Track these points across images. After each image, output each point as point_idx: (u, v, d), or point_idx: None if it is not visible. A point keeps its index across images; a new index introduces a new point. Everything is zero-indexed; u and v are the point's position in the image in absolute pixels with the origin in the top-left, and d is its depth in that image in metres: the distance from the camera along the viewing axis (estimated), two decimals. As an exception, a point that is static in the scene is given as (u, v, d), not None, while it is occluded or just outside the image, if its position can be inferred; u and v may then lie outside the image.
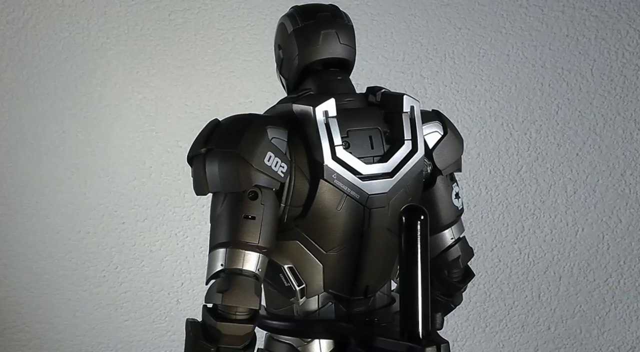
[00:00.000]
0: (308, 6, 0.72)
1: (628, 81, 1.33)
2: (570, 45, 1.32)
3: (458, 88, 1.34)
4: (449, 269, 0.76)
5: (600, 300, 1.38)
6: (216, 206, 0.65)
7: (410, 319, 0.60)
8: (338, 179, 0.64)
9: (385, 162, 0.66)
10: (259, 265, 0.64)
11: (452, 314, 0.84)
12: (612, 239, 1.36)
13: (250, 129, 0.64)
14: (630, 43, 1.32)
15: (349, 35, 0.71)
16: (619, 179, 1.34)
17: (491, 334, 1.40)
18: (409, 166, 0.67)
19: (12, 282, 1.33)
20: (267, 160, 0.63)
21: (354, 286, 0.69)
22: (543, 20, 1.32)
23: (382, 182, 0.66)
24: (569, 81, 1.33)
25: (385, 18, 1.32)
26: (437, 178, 0.72)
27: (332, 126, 0.64)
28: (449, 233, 0.74)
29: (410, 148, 0.67)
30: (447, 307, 0.77)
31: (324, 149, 0.63)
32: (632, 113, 1.33)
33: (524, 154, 1.35)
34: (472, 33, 1.33)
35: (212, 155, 0.64)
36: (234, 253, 0.63)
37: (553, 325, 1.39)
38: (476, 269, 0.80)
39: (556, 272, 1.38)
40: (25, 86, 1.31)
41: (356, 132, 0.66)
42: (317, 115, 0.63)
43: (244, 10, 1.32)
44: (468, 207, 1.34)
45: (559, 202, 1.36)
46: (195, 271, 1.34)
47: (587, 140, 1.34)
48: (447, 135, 0.72)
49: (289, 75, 0.72)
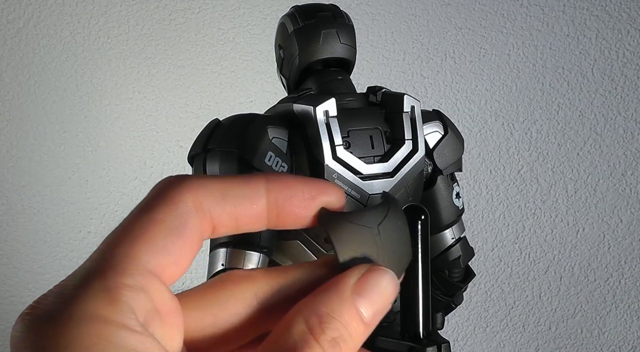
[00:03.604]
0: (308, 6, 0.72)
1: (629, 81, 1.32)
2: (571, 45, 1.32)
3: (459, 88, 1.34)
4: (449, 269, 0.75)
5: (601, 300, 1.37)
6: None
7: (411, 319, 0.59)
8: (339, 178, 0.64)
9: (386, 162, 0.66)
10: (260, 265, 0.64)
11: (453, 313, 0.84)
12: (613, 239, 1.36)
13: (250, 128, 0.64)
14: (631, 43, 1.31)
15: (349, 35, 0.71)
16: (620, 178, 1.34)
17: (492, 334, 1.40)
18: (410, 166, 0.67)
19: (13, 282, 1.33)
20: (268, 160, 0.63)
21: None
22: (544, 20, 1.32)
23: (383, 182, 0.66)
24: (569, 81, 1.33)
25: (385, 18, 1.32)
26: (438, 178, 0.72)
27: (333, 126, 0.64)
28: (449, 233, 0.74)
29: (411, 148, 0.67)
30: (448, 307, 0.77)
31: (325, 148, 0.63)
32: (633, 113, 1.33)
33: (524, 154, 1.35)
34: (473, 33, 1.33)
35: (213, 155, 0.64)
36: (234, 253, 0.63)
37: (554, 325, 1.39)
38: (477, 269, 0.80)
39: (557, 272, 1.38)
40: (26, 86, 1.31)
41: (357, 132, 0.66)
42: (318, 115, 0.63)
43: (244, 10, 1.32)
44: (469, 207, 1.34)
45: (559, 202, 1.36)
46: (196, 270, 1.35)
47: (587, 140, 1.34)
48: (448, 135, 0.72)
49: (289, 75, 0.72)
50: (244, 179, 0.25)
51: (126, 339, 0.21)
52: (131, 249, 0.22)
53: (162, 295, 0.23)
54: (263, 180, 0.25)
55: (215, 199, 0.24)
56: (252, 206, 0.25)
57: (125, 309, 0.21)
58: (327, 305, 0.23)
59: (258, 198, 0.25)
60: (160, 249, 0.23)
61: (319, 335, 0.22)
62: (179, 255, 0.23)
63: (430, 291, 0.61)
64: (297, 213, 0.26)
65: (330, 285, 0.24)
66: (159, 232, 0.23)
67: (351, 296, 0.24)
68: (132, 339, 0.21)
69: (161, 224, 0.23)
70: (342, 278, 0.24)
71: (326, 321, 0.23)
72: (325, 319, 0.23)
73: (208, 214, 0.24)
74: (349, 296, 0.24)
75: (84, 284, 0.21)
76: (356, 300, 0.24)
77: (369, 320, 0.24)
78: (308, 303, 0.24)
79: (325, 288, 0.24)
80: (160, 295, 0.23)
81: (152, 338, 0.21)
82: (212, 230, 0.25)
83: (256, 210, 0.25)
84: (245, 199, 0.25)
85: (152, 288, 0.22)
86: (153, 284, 0.22)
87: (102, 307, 0.21)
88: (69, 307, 0.21)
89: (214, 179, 0.25)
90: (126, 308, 0.21)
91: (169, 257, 0.23)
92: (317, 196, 0.26)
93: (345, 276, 0.24)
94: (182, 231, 0.23)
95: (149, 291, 0.22)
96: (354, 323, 0.23)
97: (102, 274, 0.22)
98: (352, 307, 0.24)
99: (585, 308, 1.38)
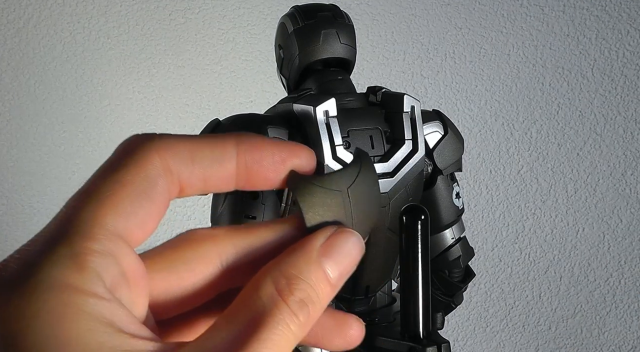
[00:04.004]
0: (308, 6, 0.72)
1: (629, 81, 1.32)
2: (571, 45, 1.32)
3: (459, 88, 1.34)
4: (449, 269, 0.75)
5: (601, 300, 1.37)
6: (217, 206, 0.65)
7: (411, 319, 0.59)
8: (339, 178, 0.64)
9: (386, 162, 0.66)
10: None
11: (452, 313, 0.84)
12: (612, 239, 1.36)
13: (250, 128, 0.64)
14: (631, 42, 1.31)
15: (349, 35, 0.71)
16: (620, 178, 1.34)
17: (492, 334, 1.40)
18: (410, 166, 0.67)
19: (13, 281, 1.33)
20: (268, 160, 0.63)
21: (355, 286, 0.69)
22: (544, 19, 1.32)
23: (383, 182, 0.66)
24: (569, 81, 1.33)
25: (385, 18, 1.32)
26: (438, 178, 0.72)
27: (333, 126, 0.64)
28: (449, 233, 0.74)
29: (411, 148, 0.67)
30: (447, 307, 0.77)
31: (325, 148, 0.63)
32: (633, 113, 1.33)
33: (524, 154, 1.35)
34: (473, 33, 1.33)
35: (213, 155, 0.64)
36: None
37: (554, 325, 1.39)
38: (477, 269, 0.80)
39: (557, 272, 1.38)
40: (26, 86, 1.31)
41: (357, 132, 0.66)
42: (318, 115, 0.63)
43: (244, 10, 1.32)
44: (468, 207, 1.34)
45: (559, 202, 1.36)
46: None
47: (587, 140, 1.34)
48: (448, 135, 0.72)
49: (289, 75, 0.72)
50: (214, 139, 0.25)
51: (95, 307, 0.20)
52: (98, 212, 0.22)
53: (129, 259, 0.22)
54: (233, 141, 0.25)
55: (184, 160, 0.24)
56: (222, 168, 0.25)
57: (93, 276, 0.21)
58: (295, 267, 0.23)
59: (228, 160, 0.25)
60: (128, 212, 0.22)
61: (287, 296, 0.23)
62: (146, 218, 0.23)
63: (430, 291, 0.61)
64: (266, 175, 0.25)
65: (297, 247, 0.24)
66: (126, 194, 0.23)
67: (318, 258, 0.24)
68: (101, 306, 0.20)
69: (129, 186, 0.23)
70: (309, 240, 0.24)
71: (294, 282, 0.23)
72: (293, 280, 0.23)
73: (176, 176, 0.24)
74: (316, 257, 0.24)
75: (49, 250, 0.21)
76: (323, 261, 0.24)
77: (335, 281, 0.24)
78: (276, 265, 0.24)
79: (292, 250, 0.24)
80: (127, 259, 0.22)
81: (119, 304, 0.21)
82: (180, 191, 0.25)
83: (225, 172, 0.25)
84: (214, 161, 0.25)
85: (120, 253, 0.22)
86: (120, 248, 0.22)
87: (70, 275, 0.20)
88: (35, 275, 0.20)
89: (182, 140, 0.24)
90: (94, 275, 0.21)
91: (136, 220, 0.23)
92: (288, 159, 0.26)
93: (312, 237, 0.25)
94: (151, 194, 0.23)
95: (116, 255, 0.22)
96: (321, 284, 0.24)
97: (68, 239, 0.21)
98: (319, 268, 0.24)
99: (585, 308, 1.38)
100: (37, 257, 0.21)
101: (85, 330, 0.20)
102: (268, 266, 0.24)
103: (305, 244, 0.24)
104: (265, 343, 0.21)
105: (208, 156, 0.24)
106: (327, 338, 0.26)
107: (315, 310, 0.23)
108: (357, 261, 0.25)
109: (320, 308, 0.24)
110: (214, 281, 0.25)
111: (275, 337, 0.22)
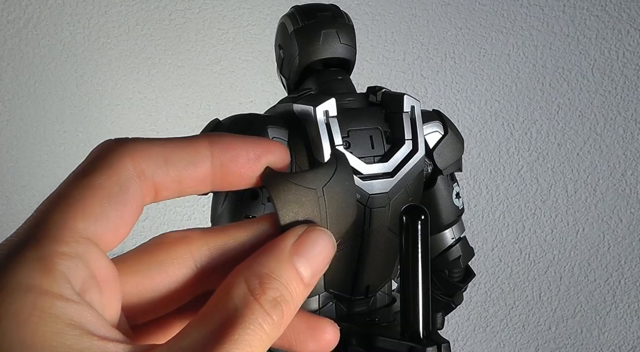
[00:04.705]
0: (309, 6, 0.72)
1: (629, 81, 1.32)
2: (571, 45, 1.32)
3: (459, 88, 1.34)
4: (449, 269, 0.75)
5: (601, 300, 1.37)
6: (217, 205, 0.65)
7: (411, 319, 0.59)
8: (339, 178, 0.64)
9: (386, 162, 0.66)
10: None
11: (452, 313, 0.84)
12: (612, 239, 1.36)
13: (251, 128, 0.64)
14: (631, 43, 1.31)
15: (349, 35, 0.71)
16: (620, 178, 1.34)
17: (492, 334, 1.40)
18: (410, 166, 0.67)
19: (13, 281, 1.33)
20: (268, 160, 0.63)
21: (355, 286, 0.69)
22: (544, 20, 1.32)
23: (383, 182, 0.66)
24: (569, 81, 1.33)
25: (385, 18, 1.32)
26: (438, 178, 0.72)
27: (333, 126, 0.63)
28: (449, 233, 0.74)
29: (411, 148, 0.67)
30: (447, 307, 0.77)
31: (325, 148, 0.63)
32: (633, 113, 1.33)
33: (524, 154, 1.35)
34: (473, 33, 1.33)
35: (213, 155, 0.64)
36: None
37: (554, 325, 1.39)
38: (477, 269, 0.80)
39: (557, 272, 1.38)
40: (26, 86, 1.31)
41: (357, 132, 0.66)
42: (318, 115, 0.63)
43: (244, 10, 1.32)
44: (468, 207, 1.34)
45: (559, 202, 1.36)
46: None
47: (587, 140, 1.34)
48: (448, 135, 0.72)
49: (289, 75, 0.72)
50: (187, 141, 0.25)
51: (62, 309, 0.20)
52: (67, 216, 0.22)
53: (99, 262, 0.22)
54: (206, 142, 0.25)
55: (158, 163, 0.24)
56: (196, 169, 0.25)
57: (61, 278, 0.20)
58: (267, 266, 0.23)
59: (202, 161, 0.25)
60: (99, 215, 0.22)
61: (260, 295, 0.22)
62: (118, 222, 0.23)
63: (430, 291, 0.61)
64: (242, 173, 0.25)
65: (269, 246, 0.24)
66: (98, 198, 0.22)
67: (290, 256, 0.24)
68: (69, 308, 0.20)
69: (100, 190, 0.23)
70: (281, 239, 0.24)
71: (267, 281, 0.23)
72: (265, 279, 0.23)
73: (150, 180, 0.24)
74: (287, 256, 0.24)
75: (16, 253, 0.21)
76: (295, 260, 0.24)
77: (308, 280, 0.24)
78: (248, 265, 0.24)
79: (264, 250, 0.24)
80: (97, 262, 0.22)
81: (88, 307, 0.21)
82: (155, 195, 0.24)
83: (200, 173, 0.25)
84: (188, 162, 0.24)
85: (89, 256, 0.22)
86: (90, 251, 0.22)
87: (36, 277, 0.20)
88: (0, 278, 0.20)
89: (155, 143, 0.24)
90: (61, 277, 0.20)
91: (108, 223, 0.23)
92: (262, 155, 0.26)
93: (284, 236, 0.25)
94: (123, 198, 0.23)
95: (85, 258, 0.21)
96: (294, 283, 0.24)
97: (35, 242, 0.21)
98: (292, 267, 0.24)
99: (585, 308, 1.38)
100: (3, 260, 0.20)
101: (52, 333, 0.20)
102: (240, 266, 0.24)
103: (277, 243, 0.24)
104: (237, 344, 0.21)
105: (182, 158, 0.24)
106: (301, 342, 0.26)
107: (289, 309, 0.23)
108: (329, 259, 0.25)
109: (294, 307, 0.24)
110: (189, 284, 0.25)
111: (248, 338, 0.21)
